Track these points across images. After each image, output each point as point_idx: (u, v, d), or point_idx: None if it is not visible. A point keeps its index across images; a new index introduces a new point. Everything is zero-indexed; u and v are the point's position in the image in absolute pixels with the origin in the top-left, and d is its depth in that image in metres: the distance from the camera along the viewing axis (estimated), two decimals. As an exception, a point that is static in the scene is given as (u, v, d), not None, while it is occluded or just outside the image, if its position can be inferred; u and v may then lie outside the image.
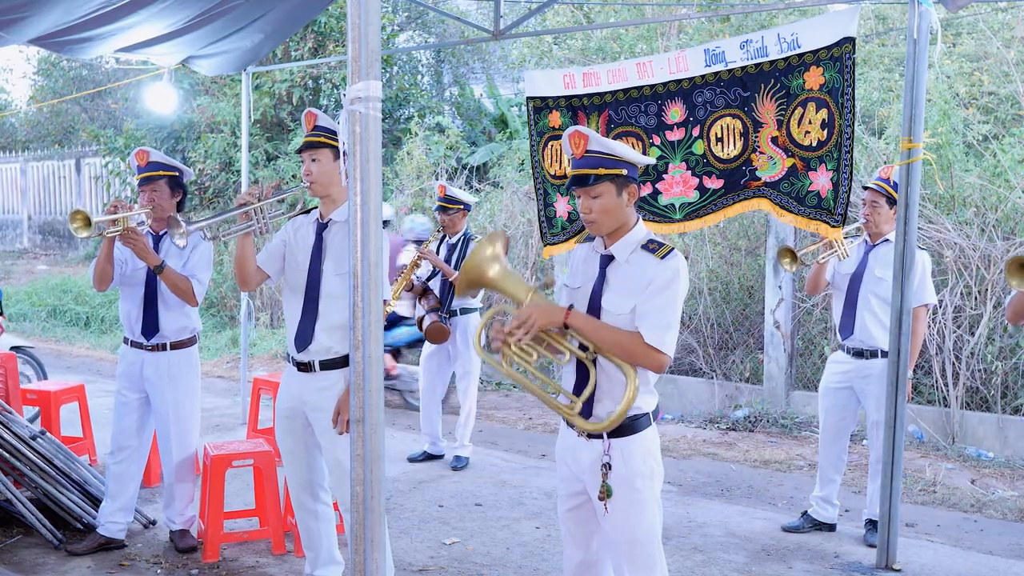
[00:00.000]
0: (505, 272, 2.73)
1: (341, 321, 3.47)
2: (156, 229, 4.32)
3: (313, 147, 3.52)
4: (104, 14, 4.90)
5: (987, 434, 6.27)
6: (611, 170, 2.66)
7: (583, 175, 2.67)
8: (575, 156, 2.73)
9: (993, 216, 6.58)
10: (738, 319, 7.88)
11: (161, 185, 4.24)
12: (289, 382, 3.62)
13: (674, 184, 4.79)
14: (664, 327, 2.60)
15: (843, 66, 4.12)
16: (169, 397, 4.34)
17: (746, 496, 5.54)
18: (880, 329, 4.52)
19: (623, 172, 2.67)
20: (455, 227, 5.88)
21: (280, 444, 3.70)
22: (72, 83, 18.69)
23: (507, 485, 5.59)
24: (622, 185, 2.68)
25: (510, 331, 2.65)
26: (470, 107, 13.40)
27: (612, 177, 2.66)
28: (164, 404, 4.34)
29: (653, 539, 2.73)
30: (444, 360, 5.99)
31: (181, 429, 4.38)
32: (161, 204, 4.25)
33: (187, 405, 4.40)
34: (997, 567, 4.41)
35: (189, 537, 4.46)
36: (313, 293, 3.53)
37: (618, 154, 2.68)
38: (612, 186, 2.67)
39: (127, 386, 4.37)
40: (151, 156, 4.25)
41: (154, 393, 4.35)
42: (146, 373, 4.32)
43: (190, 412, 4.42)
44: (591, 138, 2.69)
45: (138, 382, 4.35)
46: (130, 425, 4.39)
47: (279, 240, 3.71)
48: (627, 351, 2.60)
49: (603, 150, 2.68)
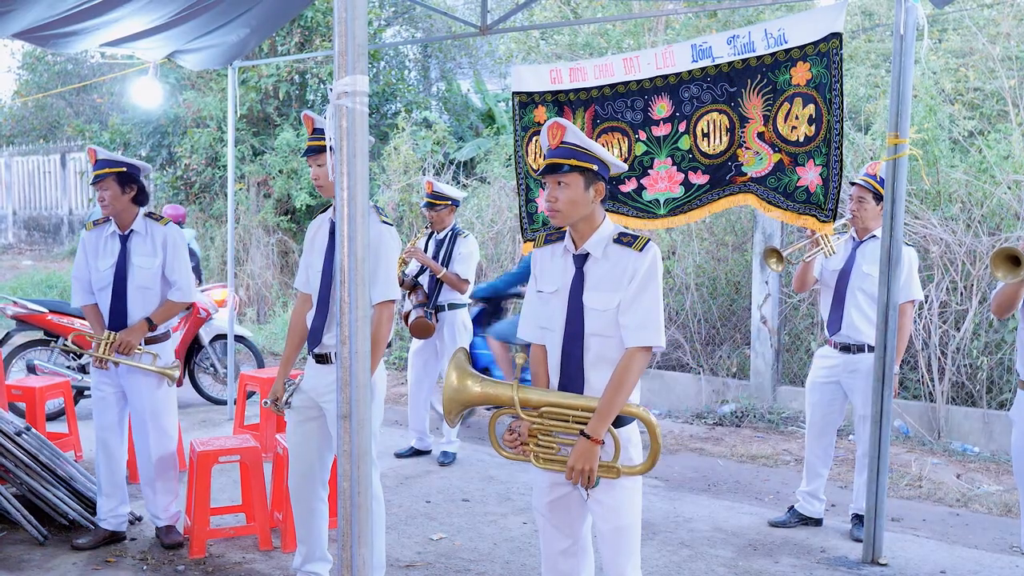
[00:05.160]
0: (483, 386, 2.79)
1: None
2: (122, 228, 4.28)
3: (316, 152, 3.60)
4: (89, 8, 4.87)
5: (972, 429, 6.30)
6: (582, 163, 2.73)
7: (555, 164, 2.74)
8: (551, 147, 2.79)
9: (979, 212, 6.61)
10: (725, 314, 7.90)
11: (110, 183, 4.20)
12: (308, 375, 3.70)
13: (659, 180, 4.79)
14: (657, 326, 2.73)
15: (830, 61, 4.12)
16: (145, 393, 4.30)
17: (733, 491, 5.56)
18: (867, 324, 4.54)
19: (593, 168, 2.74)
20: (443, 223, 5.87)
21: (290, 435, 3.75)
22: (57, 78, 18.56)
23: (494, 480, 5.59)
24: (591, 180, 2.75)
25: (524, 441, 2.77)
26: (457, 102, 13.36)
27: (582, 170, 2.73)
28: (140, 400, 4.30)
29: (638, 527, 2.84)
30: (431, 356, 5.98)
31: (159, 425, 4.34)
32: (112, 202, 4.21)
33: (164, 400, 4.36)
34: (982, 561, 4.44)
35: (175, 533, 4.43)
36: (325, 293, 3.60)
37: (592, 150, 2.75)
38: (581, 179, 2.74)
39: (104, 380, 4.33)
40: (98, 154, 4.24)
41: (130, 388, 4.31)
42: (120, 368, 4.28)
43: (166, 407, 4.38)
44: (568, 130, 2.76)
45: (113, 376, 4.31)
46: (111, 420, 4.35)
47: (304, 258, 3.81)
48: (635, 380, 2.72)
49: (578, 143, 2.75)
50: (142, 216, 4.31)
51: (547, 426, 2.72)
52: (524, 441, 2.75)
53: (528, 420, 2.72)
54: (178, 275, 4.30)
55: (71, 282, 4.46)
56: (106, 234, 4.30)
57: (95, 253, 4.29)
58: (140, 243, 4.26)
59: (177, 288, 4.30)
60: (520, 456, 2.79)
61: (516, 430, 2.76)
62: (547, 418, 2.72)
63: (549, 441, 2.74)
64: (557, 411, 2.71)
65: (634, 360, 2.71)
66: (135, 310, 4.25)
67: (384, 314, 3.49)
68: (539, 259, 2.97)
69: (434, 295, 5.80)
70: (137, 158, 13.37)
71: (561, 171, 2.72)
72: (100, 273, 4.26)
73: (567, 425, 2.70)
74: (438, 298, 5.80)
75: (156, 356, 4.30)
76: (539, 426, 2.73)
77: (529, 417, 2.72)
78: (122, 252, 4.25)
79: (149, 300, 4.28)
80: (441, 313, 5.82)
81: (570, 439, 2.72)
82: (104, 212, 4.26)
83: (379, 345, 3.44)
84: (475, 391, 2.78)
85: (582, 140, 2.75)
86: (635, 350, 2.71)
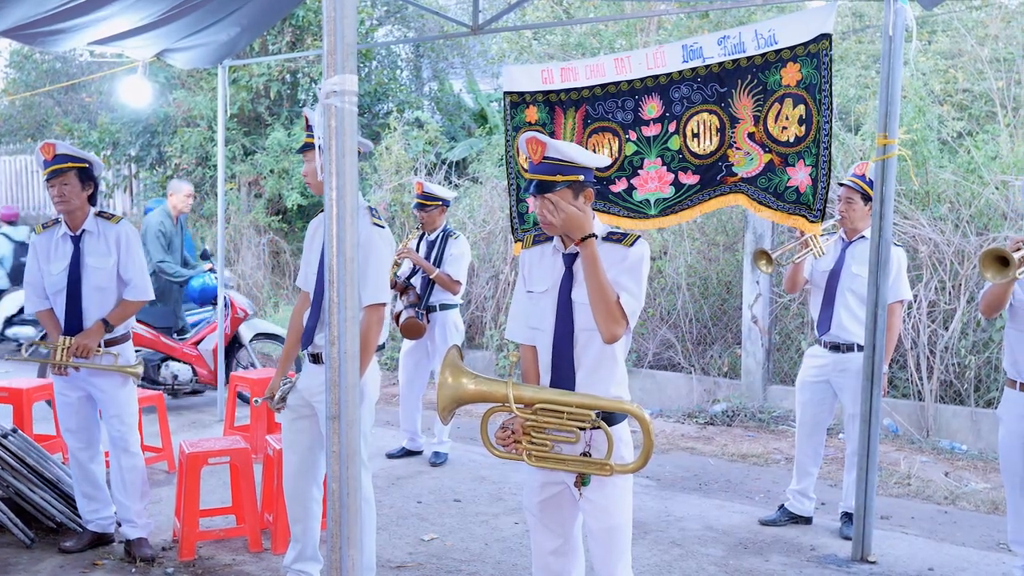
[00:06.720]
0: (477, 384, 2.79)
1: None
2: (73, 228, 4.16)
3: (309, 148, 3.60)
4: (77, 6, 4.84)
5: (960, 427, 6.33)
6: (568, 176, 2.73)
7: (542, 182, 2.74)
8: (533, 162, 2.79)
9: (967, 212, 6.64)
10: (716, 314, 7.91)
11: (71, 178, 4.07)
12: (303, 374, 3.71)
13: (649, 180, 4.80)
14: (635, 299, 2.73)
15: (820, 62, 4.14)
16: (111, 393, 4.21)
17: (724, 490, 5.57)
18: (857, 324, 4.56)
19: (580, 178, 2.74)
20: (434, 223, 5.86)
21: (284, 434, 3.75)
22: (45, 76, 18.43)
23: (486, 481, 5.58)
24: (578, 189, 2.76)
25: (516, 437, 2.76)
26: (449, 102, 13.34)
27: (569, 183, 2.73)
28: (107, 401, 4.22)
29: (629, 526, 2.85)
30: (423, 356, 5.97)
31: (127, 424, 4.24)
32: (72, 198, 4.09)
33: (128, 400, 4.26)
34: (970, 558, 4.46)
35: (146, 546, 4.28)
36: (319, 292, 3.59)
37: (574, 160, 2.74)
38: (569, 191, 2.74)
39: (67, 385, 4.22)
40: (58, 148, 4.07)
41: (96, 392, 4.21)
42: (82, 371, 4.15)
43: (133, 407, 4.30)
44: (548, 145, 2.76)
45: (76, 380, 4.19)
46: (78, 425, 4.25)
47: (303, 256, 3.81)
48: (608, 301, 2.68)
49: (560, 157, 2.74)
50: (93, 215, 4.18)
51: (541, 423, 2.72)
52: (518, 439, 2.74)
53: (522, 417, 2.72)
54: (133, 273, 4.18)
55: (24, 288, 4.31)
56: (57, 236, 4.17)
57: (47, 256, 4.16)
58: (93, 243, 4.14)
59: (132, 287, 4.18)
60: (513, 455, 2.79)
61: (510, 427, 2.76)
62: (541, 415, 2.72)
63: (543, 439, 2.74)
64: (551, 407, 2.71)
65: (615, 299, 2.72)
66: (91, 312, 4.14)
67: (372, 317, 3.47)
68: (528, 260, 2.98)
69: (426, 295, 5.79)
70: (127, 158, 13.38)
71: (547, 190, 2.73)
72: (53, 277, 4.13)
73: (561, 422, 2.70)
74: (429, 298, 5.80)
75: (117, 356, 4.19)
76: (533, 423, 2.73)
77: (523, 414, 2.72)
78: (75, 253, 4.12)
79: (105, 301, 4.16)
80: (432, 314, 5.81)
81: (563, 437, 2.72)
82: (59, 209, 4.11)
83: (367, 349, 3.42)
84: (470, 389, 2.77)
85: (563, 151, 2.74)
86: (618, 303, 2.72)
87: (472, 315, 8.80)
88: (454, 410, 2.85)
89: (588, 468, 2.72)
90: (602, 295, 2.69)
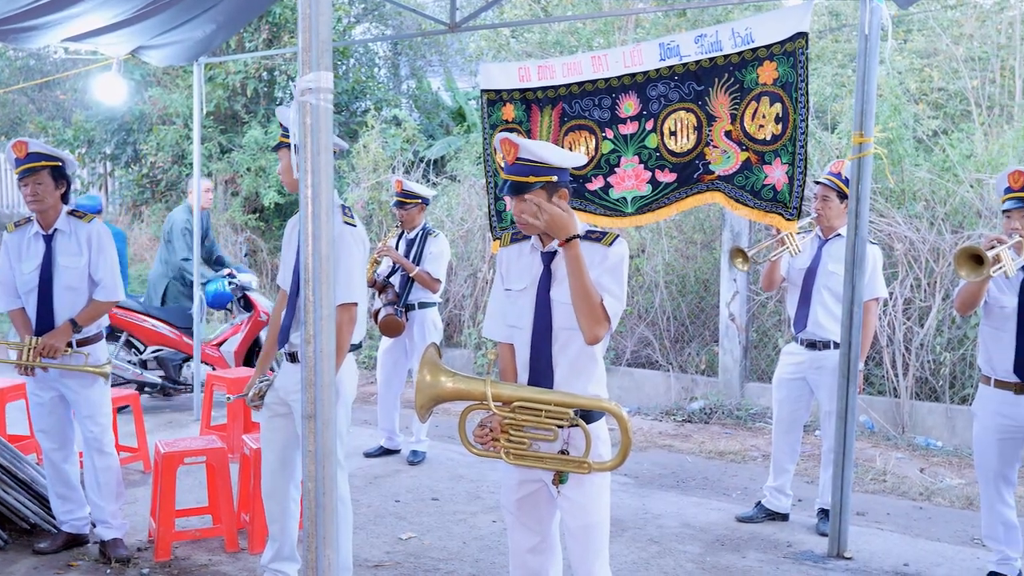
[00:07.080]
0: (455, 382, 2.78)
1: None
2: (46, 227, 4.13)
3: (282, 146, 3.61)
4: (50, 2, 4.78)
5: (936, 424, 6.40)
6: (542, 177, 2.74)
7: (516, 183, 2.75)
8: (507, 162, 2.79)
9: (942, 210, 6.71)
10: (694, 312, 7.94)
11: (44, 176, 4.04)
12: (280, 372, 3.70)
13: (626, 178, 4.81)
14: (618, 301, 2.74)
15: (796, 61, 4.16)
16: (82, 393, 4.16)
17: (701, 487, 5.59)
18: (833, 322, 4.59)
19: (553, 179, 2.75)
20: (413, 222, 5.84)
21: (262, 432, 3.73)
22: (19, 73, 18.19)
23: (464, 479, 5.58)
24: (552, 190, 2.76)
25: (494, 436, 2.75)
26: (427, 100, 13.31)
27: (543, 184, 2.74)
28: (79, 406, 4.18)
29: (607, 524, 2.86)
30: (401, 355, 5.95)
31: (99, 423, 4.21)
32: (45, 197, 4.06)
33: (100, 399, 4.22)
34: (944, 553, 4.51)
35: (121, 547, 4.24)
36: (295, 290, 3.56)
37: (548, 160, 2.75)
38: (543, 192, 2.75)
39: (39, 386, 4.18)
40: (30, 147, 4.03)
41: (68, 392, 4.17)
42: (52, 371, 4.11)
43: (104, 407, 4.25)
44: (521, 147, 2.76)
45: (47, 380, 4.15)
46: (51, 425, 4.22)
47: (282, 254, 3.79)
48: (592, 303, 2.68)
49: (533, 158, 2.75)
50: (65, 214, 4.15)
51: (519, 421, 2.72)
52: (496, 436, 2.74)
53: (501, 415, 2.72)
54: (103, 274, 4.14)
55: None
56: (29, 235, 4.13)
57: (18, 255, 4.13)
58: (65, 242, 4.11)
59: (102, 287, 4.14)
60: (491, 453, 2.79)
61: (487, 425, 2.75)
62: (519, 413, 2.71)
63: (520, 436, 2.73)
64: (530, 405, 2.71)
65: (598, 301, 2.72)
66: (63, 312, 4.10)
67: (343, 317, 3.44)
68: (506, 258, 2.97)
69: (405, 293, 5.77)
70: (102, 156, 13.25)
71: (522, 191, 2.74)
72: (24, 276, 4.10)
73: (539, 420, 2.70)
74: (408, 296, 5.78)
75: (87, 356, 4.15)
76: (511, 421, 2.72)
77: (501, 412, 2.72)
78: (47, 253, 4.09)
79: (77, 301, 4.12)
80: (411, 312, 5.79)
81: (542, 435, 2.72)
82: (32, 208, 4.08)
83: (340, 349, 3.40)
84: (448, 387, 2.76)
85: (536, 153, 2.75)
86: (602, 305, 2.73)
87: (450, 313, 8.78)
88: (432, 408, 2.84)
89: (566, 466, 2.72)
90: (586, 297, 2.69)
